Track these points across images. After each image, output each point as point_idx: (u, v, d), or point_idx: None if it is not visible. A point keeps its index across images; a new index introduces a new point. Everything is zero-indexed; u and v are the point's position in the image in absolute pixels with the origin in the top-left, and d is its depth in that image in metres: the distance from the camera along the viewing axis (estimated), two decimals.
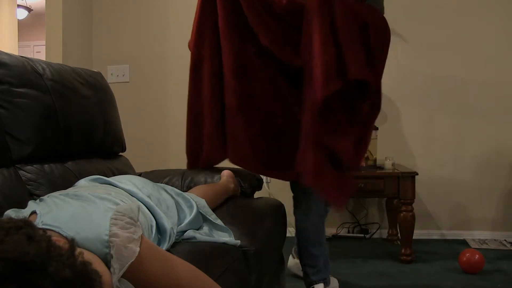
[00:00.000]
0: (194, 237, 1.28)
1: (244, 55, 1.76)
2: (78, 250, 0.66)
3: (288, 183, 1.94)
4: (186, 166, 1.95)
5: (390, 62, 3.10)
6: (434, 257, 2.63)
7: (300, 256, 1.91)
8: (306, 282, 1.89)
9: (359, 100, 1.73)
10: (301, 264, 1.92)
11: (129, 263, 0.79)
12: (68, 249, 0.64)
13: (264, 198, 1.96)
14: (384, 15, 1.82)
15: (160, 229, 1.16)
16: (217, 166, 1.94)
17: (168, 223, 1.17)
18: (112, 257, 0.79)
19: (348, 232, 3.16)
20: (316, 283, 1.85)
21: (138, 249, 0.81)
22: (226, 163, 1.92)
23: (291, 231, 2.31)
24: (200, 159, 1.90)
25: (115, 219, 0.83)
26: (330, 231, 3.04)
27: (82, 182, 1.26)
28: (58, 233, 0.80)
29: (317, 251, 1.86)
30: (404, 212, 2.50)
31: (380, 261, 2.56)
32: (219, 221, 1.41)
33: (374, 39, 1.70)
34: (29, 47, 6.52)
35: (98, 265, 0.74)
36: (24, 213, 0.91)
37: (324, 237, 1.91)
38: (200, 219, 1.39)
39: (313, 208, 1.85)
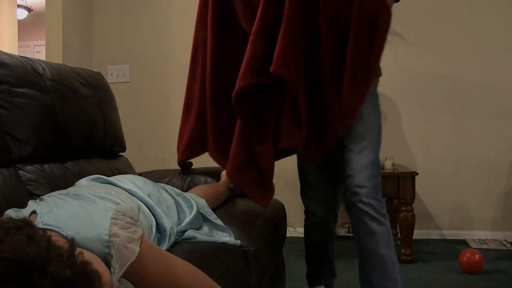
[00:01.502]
0: (194, 237, 1.28)
1: (224, 45, 1.65)
2: (78, 250, 0.66)
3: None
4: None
5: (390, 62, 3.15)
6: (434, 257, 2.63)
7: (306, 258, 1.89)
8: (309, 283, 1.89)
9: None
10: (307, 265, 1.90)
11: (129, 263, 0.79)
12: (68, 249, 0.64)
13: None
14: None
15: (160, 229, 1.16)
16: (217, 166, 1.93)
17: (168, 223, 1.17)
18: (112, 257, 0.79)
19: (348, 232, 3.16)
20: (317, 285, 1.85)
21: (138, 249, 0.81)
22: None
23: (291, 231, 2.31)
24: (180, 150, 1.85)
25: (116, 218, 0.83)
26: None
27: (83, 181, 1.26)
28: (58, 233, 0.80)
29: (321, 259, 1.85)
30: (404, 212, 2.50)
31: None
32: (219, 221, 1.41)
33: (357, 18, 1.42)
34: (29, 47, 6.52)
35: (98, 265, 0.74)
36: (24, 213, 0.91)
37: (330, 247, 1.86)
38: (200, 219, 1.39)
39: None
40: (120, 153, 1.91)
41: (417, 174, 2.54)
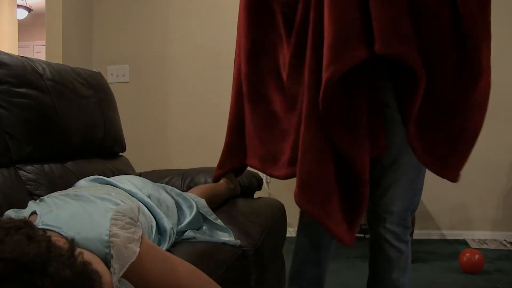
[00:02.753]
0: (194, 237, 1.28)
1: (262, 42, 1.34)
2: (78, 250, 0.66)
3: (289, 181, 1.72)
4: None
5: None
6: (434, 257, 2.63)
7: None
8: None
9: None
10: None
11: (129, 263, 0.79)
12: (68, 249, 0.64)
13: (264, 198, 1.96)
14: None
15: (160, 229, 1.16)
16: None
17: (168, 223, 1.17)
18: (112, 257, 0.79)
19: None
20: None
21: (138, 249, 0.81)
22: None
23: (291, 231, 2.31)
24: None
25: (115, 219, 0.83)
26: None
27: (82, 182, 1.26)
28: (58, 233, 0.80)
29: None
30: None
31: None
32: (219, 221, 1.41)
33: None
34: (29, 47, 6.52)
35: (98, 265, 0.74)
36: (24, 213, 0.92)
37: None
38: (200, 219, 1.39)
39: None
40: (120, 153, 1.91)
41: None
